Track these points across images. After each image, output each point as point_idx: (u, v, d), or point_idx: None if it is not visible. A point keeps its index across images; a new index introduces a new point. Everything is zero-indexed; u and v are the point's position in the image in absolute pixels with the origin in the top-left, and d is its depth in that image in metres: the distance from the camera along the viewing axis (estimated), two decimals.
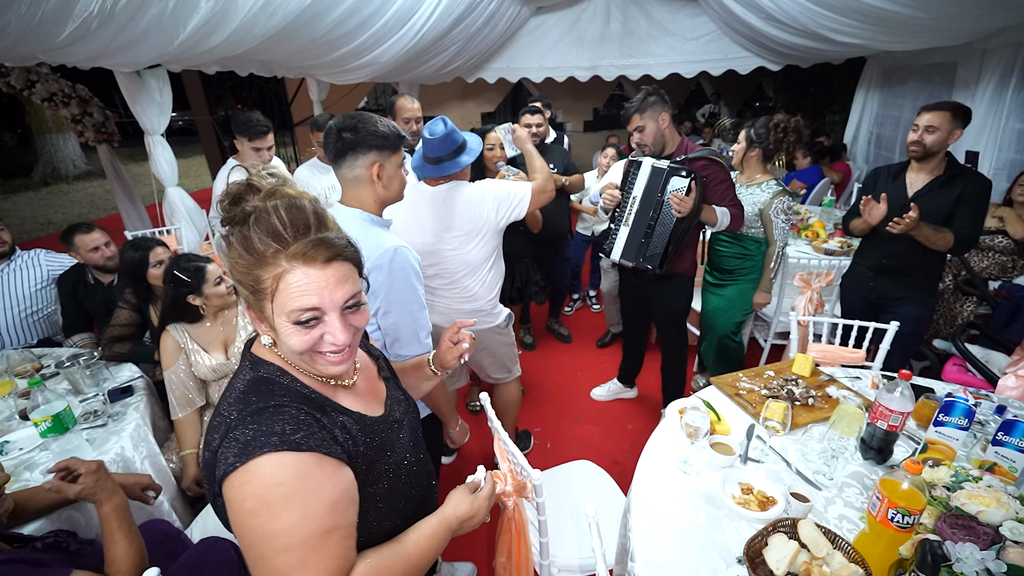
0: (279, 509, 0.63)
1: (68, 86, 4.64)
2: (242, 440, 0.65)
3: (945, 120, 1.92)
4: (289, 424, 0.67)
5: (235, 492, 0.64)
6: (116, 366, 1.97)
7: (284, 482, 0.64)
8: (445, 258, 1.84)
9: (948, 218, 1.98)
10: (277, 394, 0.72)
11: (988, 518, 0.99)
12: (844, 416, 1.32)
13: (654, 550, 1.10)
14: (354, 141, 1.25)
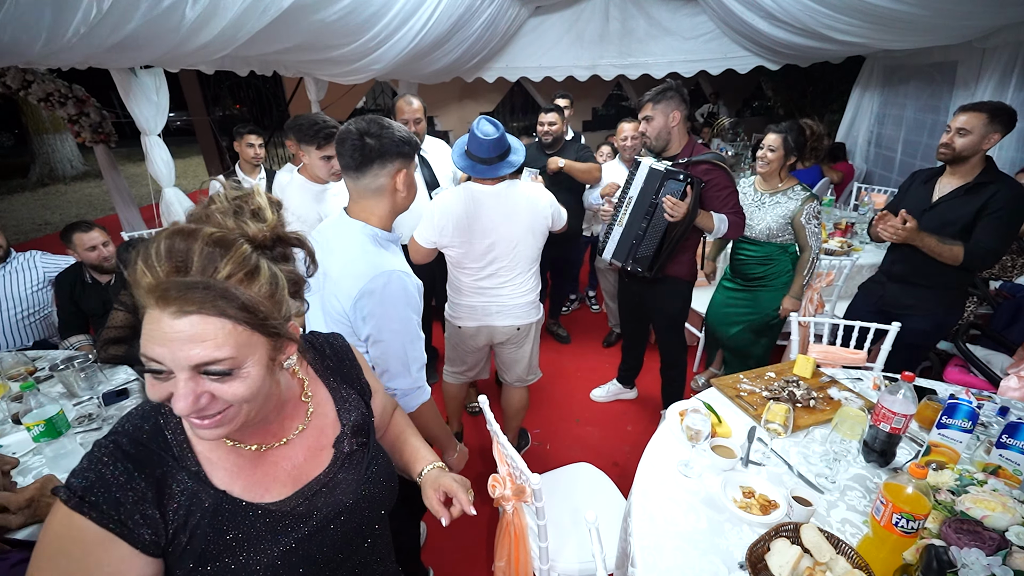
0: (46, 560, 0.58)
1: (64, 86, 4.62)
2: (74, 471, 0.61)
3: (980, 122, 1.77)
4: (94, 474, 0.60)
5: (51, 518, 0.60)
6: (111, 369, 1.95)
7: (58, 532, 0.59)
8: (508, 253, 1.92)
9: (968, 228, 1.84)
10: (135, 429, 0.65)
11: (994, 523, 0.98)
12: (846, 419, 1.31)
13: (655, 555, 1.09)
14: (380, 148, 1.16)
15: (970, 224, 1.83)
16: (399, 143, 1.18)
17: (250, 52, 3.04)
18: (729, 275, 2.54)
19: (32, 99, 4.56)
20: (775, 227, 2.27)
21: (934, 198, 1.97)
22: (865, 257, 3.03)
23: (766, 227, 2.29)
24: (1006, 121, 1.78)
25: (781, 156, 2.23)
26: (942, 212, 1.89)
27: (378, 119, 1.20)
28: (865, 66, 4.95)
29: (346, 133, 1.17)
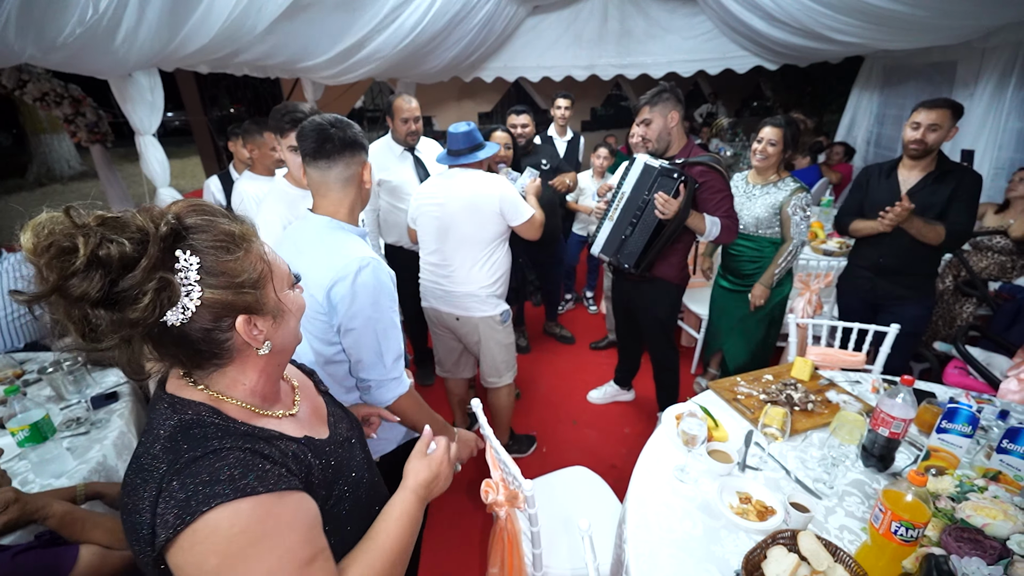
0: (249, 558, 0.57)
1: (60, 86, 4.59)
2: (182, 496, 0.56)
3: (947, 118, 1.92)
4: (236, 469, 0.59)
5: (187, 555, 0.56)
6: (101, 371, 1.92)
7: (247, 530, 0.57)
8: (446, 230, 1.97)
9: (942, 214, 1.98)
10: (212, 437, 0.62)
11: (995, 531, 0.96)
12: (845, 423, 1.29)
13: (650, 563, 1.07)
14: (351, 139, 1.17)
15: (943, 209, 1.98)
16: (361, 136, 1.20)
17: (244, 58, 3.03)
18: (722, 273, 2.52)
19: (27, 99, 4.53)
20: (764, 217, 2.27)
21: (903, 190, 2.07)
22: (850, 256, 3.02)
23: (754, 218, 2.29)
24: (959, 114, 1.96)
25: (781, 150, 2.25)
26: (919, 200, 1.99)
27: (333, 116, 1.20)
28: (864, 66, 4.94)
29: (315, 123, 1.16)
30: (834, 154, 4.71)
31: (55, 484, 1.37)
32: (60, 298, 0.55)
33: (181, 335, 0.61)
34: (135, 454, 0.63)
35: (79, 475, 1.39)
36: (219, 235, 0.63)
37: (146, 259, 0.56)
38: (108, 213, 0.58)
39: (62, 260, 0.54)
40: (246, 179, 2.68)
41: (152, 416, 0.66)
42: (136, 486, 0.60)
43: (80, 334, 0.57)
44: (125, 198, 4.99)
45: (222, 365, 0.67)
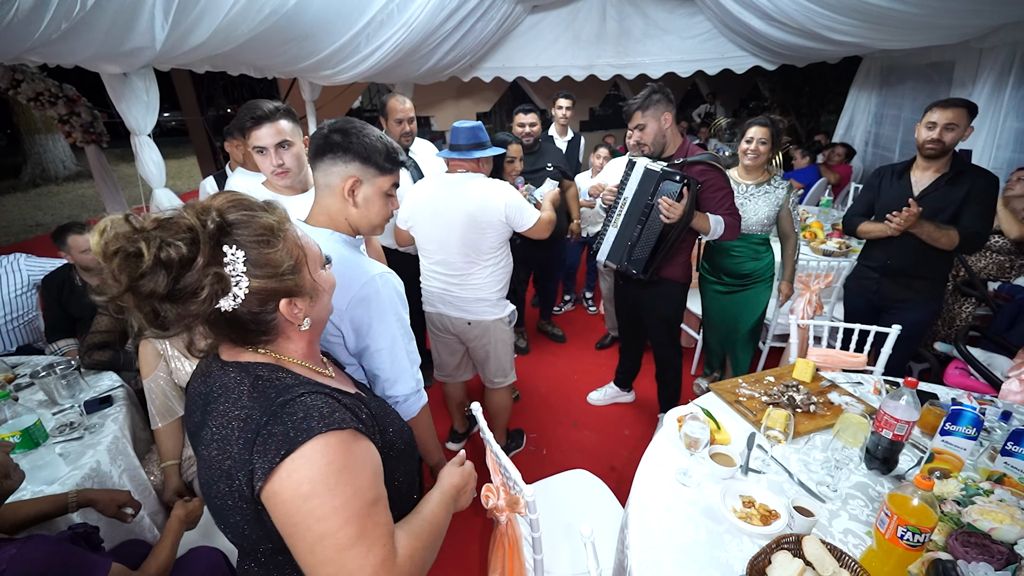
0: (334, 486, 0.65)
1: (55, 85, 4.55)
2: (282, 433, 0.65)
3: (963, 117, 1.88)
4: (324, 407, 0.68)
5: (285, 483, 0.64)
6: (95, 375, 1.90)
7: (333, 460, 0.65)
8: (451, 237, 1.92)
9: (955, 217, 1.94)
10: (293, 385, 0.71)
11: (1002, 535, 0.94)
12: (848, 425, 1.27)
13: (653, 569, 1.05)
14: (338, 144, 1.10)
15: (957, 212, 1.93)
16: (363, 146, 1.10)
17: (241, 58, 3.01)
18: (714, 276, 2.49)
19: (21, 99, 4.49)
20: (770, 215, 2.31)
21: (915, 192, 2.03)
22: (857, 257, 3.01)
23: (762, 217, 2.31)
24: (973, 115, 1.93)
25: (769, 148, 2.30)
26: (931, 202, 1.96)
27: (357, 122, 1.14)
28: (862, 66, 4.94)
29: (320, 125, 1.16)
30: (834, 155, 4.71)
31: (47, 491, 1.35)
32: (131, 296, 0.64)
33: (233, 318, 0.70)
34: (214, 414, 0.71)
35: (71, 481, 1.37)
36: (259, 229, 0.70)
37: (201, 257, 0.64)
38: (161, 215, 0.65)
39: (130, 263, 0.62)
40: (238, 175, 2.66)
41: (219, 380, 0.74)
42: (226, 437, 0.68)
43: (148, 323, 0.66)
44: (120, 199, 4.95)
45: (270, 340, 0.76)
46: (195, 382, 0.81)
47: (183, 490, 1.70)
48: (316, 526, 0.64)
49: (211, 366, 0.78)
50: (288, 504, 0.64)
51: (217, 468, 0.69)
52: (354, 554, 0.64)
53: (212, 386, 0.75)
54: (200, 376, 0.80)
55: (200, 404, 0.76)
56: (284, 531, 0.66)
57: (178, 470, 1.71)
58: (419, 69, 4.75)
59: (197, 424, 0.76)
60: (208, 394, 0.75)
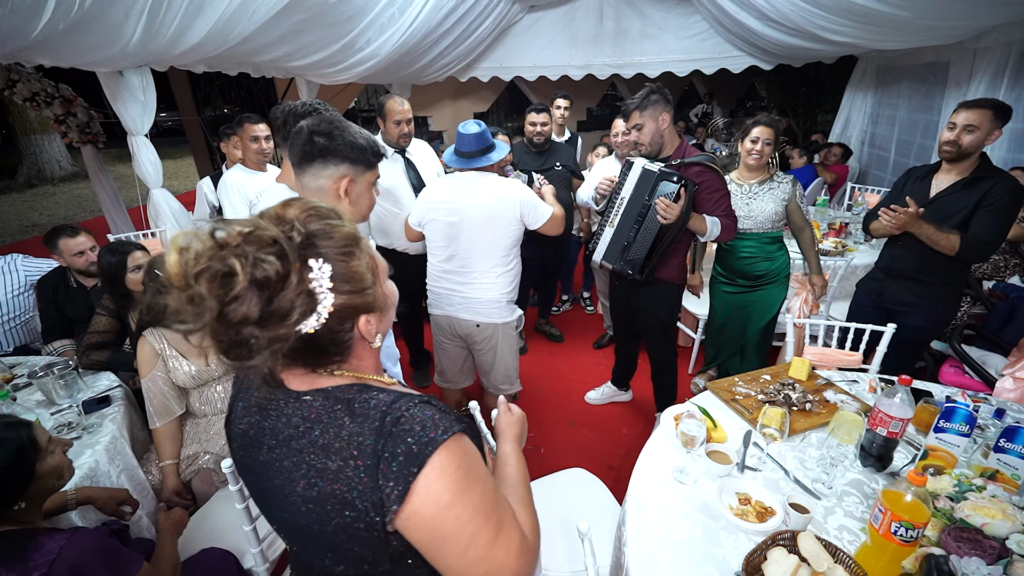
0: (468, 487, 0.64)
1: (51, 85, 4.54)
2: (406, 451, 0.61)
3: (986, 119, 1.76)
4: (434, 415, 0.65)
5: (424, 499, 0.61)
6: (93, 375, 1.90)
7: (460, 464, 0.64)
8: (468, 236, 1.92)
9: (965, 222, 1.85)
10: (391, 401, 0.66)
11: (994, 531, 0.96)
12: (843, 423, 1.29)
13: (650, 565, 1.06)
14: (325, 148, 1.12)
15: (968, 217, 1.84)
16: (349, 146, 1.12)
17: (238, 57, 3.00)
18: (727, 278, 2.51)
19: (17, 99, 4.48)
20: (778, 212, 2.31)
21: (931, 194, 1.98)
22: (859, 257, 3.03)
23: (771, 214, 2.31)
24: (1004, 117, 1.79)
25: (772, 147, 2.30)
26: (941, 207, 1.89)
27: (338, 120, 1.15)
28: (858, 66, 4.97)
29: (298, 128, 1.14)
30: (831, 155, 4.73)
31: None
32: (216, 323, 0.56)
33: (311, 340, 0.62)
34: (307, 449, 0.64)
35: (71, 481, 1.37)
36: (343, 240, 0.64)
37: (294, 275, 0.58)
38: (244, 228, 0.58)
39: (220, 286, 0.55)
40: (235, 171, 2.69)
41: (297, 412, 0.66)
42: (336, 469, 0.62)
43: (225, 353, 0.59)
44: (116, 200, 4.94)
45: (342, 361, 0.70)
46: (248, 418, 0.73)
47: (181, 489, 1.70)
48: (464, 530, 0.63)
49: (274, 399, 0.69)
50: (433, 518, 0.62)
51: (332, 504, 0.63)
52: (500, 544, 0.65)
53: (289, 420, 0.67)
54: (256, 411, 0.71)
55: (270, 441, 0.69)
56: (429, 545, 0.63)
57: (176, 469, 1.71)
58: (417, 69, 4.75)
59: (264, 463, 0.69)
60: (283, 430, 0.67)
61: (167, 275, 0.55)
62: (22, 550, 0.95)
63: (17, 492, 1.04)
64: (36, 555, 0.94)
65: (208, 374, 1.79)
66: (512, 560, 0.65)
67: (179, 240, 0.56)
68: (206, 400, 1.82)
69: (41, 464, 1.08)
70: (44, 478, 1.09)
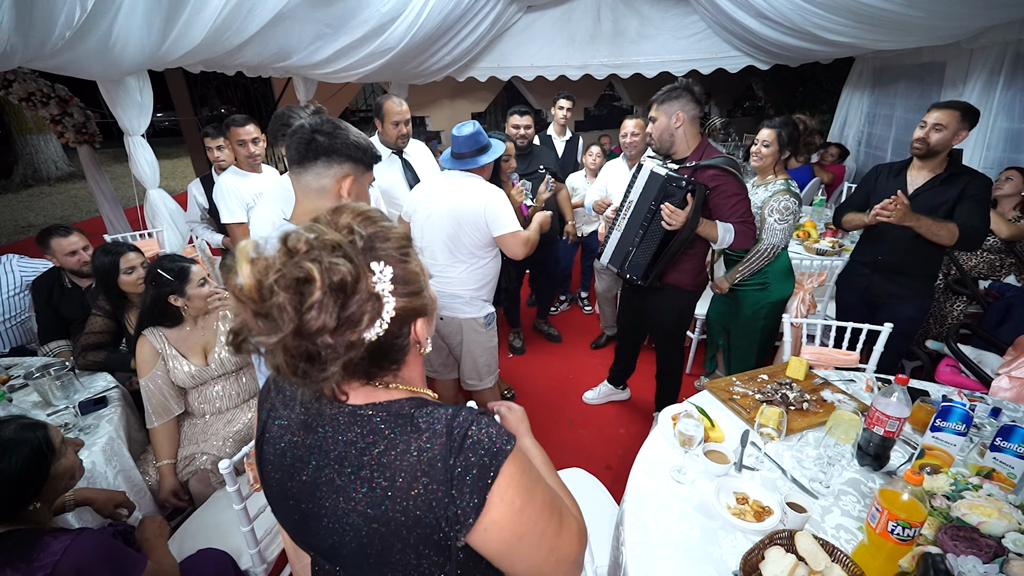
0: (532, 488, 0.65)
1: (47, 85, 4.52)
2: (478, 464, 0.61)
3: (954, 119, 1.90)
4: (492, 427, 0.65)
5: (500, 508, 0.62)
6: (89, 376, 1.89)
7: (523, 469, 0.65)
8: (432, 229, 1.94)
9: (949, 215, 1.96)
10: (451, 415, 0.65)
11: (990, 529, 0.96)
12: (840, 422, 1.29)
13: (647, 565, 1.06)
14: (329, 147, 1.12)
15: (950, 211, 1.96)
16: (352, 146, 1.14)
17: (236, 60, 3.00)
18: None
19: (13, 99, 4.46)
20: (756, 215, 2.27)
21: (910, 191, 2.06)
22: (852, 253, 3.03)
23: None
24: (972, 119, 1.92)
25: (776, 151, 2.21)
26: (924, 201, 1.97)
27: (337, 120, 1.17)
28: (855, 66, 4.98)
29: (297, 127, 1.14)
30: (828, 155, 4.75)
31: None
32: (292, 336, 0.54)
33: (375, 347, 0.61)
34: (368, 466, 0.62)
35: None
36: (399, 242, 0.64)
37: (363, 279, 0.57)
38: (307, 233, 0.56)
39: (297, 293, 0.53)
40: (228, 174, 2.68)
41: (358, 428, 0.64)
42: (408, 488, 0.60)
43: (294, 370, 0.56)
44: (113, 200, 4.92)
45: (398, 369, 0.68)
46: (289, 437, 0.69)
47: (178, 489, 1.70)
48: (536, 528, 0.65)
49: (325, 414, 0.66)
50: (511, 524, 0.63)
51: (397, 523, 0.61)
52: (564, 533, 0.68)
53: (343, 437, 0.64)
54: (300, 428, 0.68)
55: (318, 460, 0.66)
56: (509, 550, 0.64)
57: (173, 469, 1.71)
58: (415, 69, 4.75)
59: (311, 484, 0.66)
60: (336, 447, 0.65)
61: (239, 289, 0.53)
62: (28, 550, 0.96)
63: (34, 493, 1.05)
64: (41, 555, 0.95)
65: (207, 373, 1.78)
66: (575, 545, 0.70)
67: (248, 250, 0.54)
68: (205, 399, 1.82)
69: (56, 465, 1.09)
70: (58, 479, 1.10)
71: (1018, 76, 3.15)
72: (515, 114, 2.96)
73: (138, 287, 1.98)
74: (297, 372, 0.57)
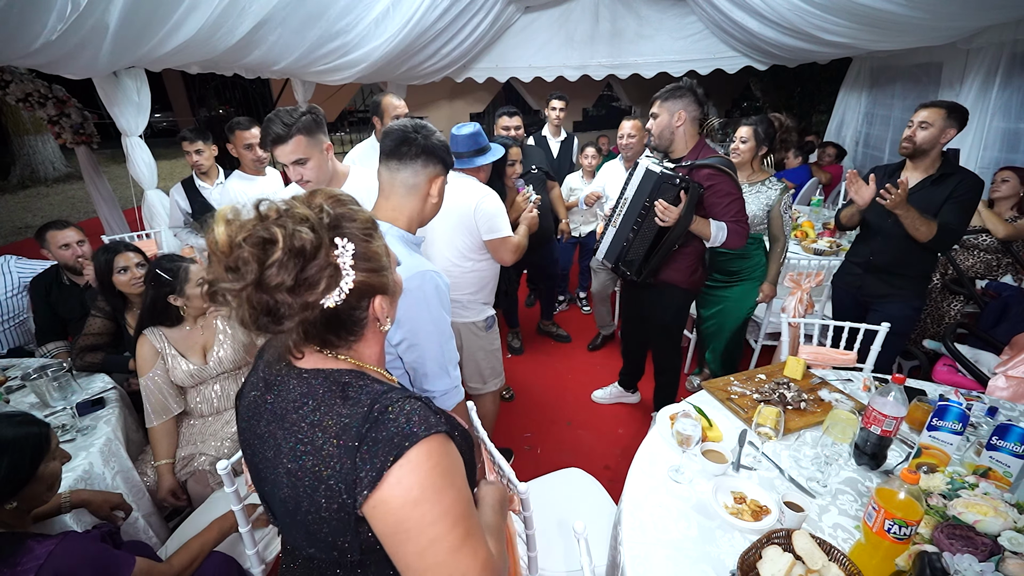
0: (441, 489, 0.65)
1: (44, 86, 4.51)
2: (386, 439, 0.63)
3: (939, 117, 1.91)
4: (420, 412, 0.67)
5: (395, 489, 0.63)
6: (87, 377, 1.89)
7: (438, 464, 0.65)
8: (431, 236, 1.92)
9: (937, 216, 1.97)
10: (384, 391, 0.69)
11: (986, 528, 0.96)
12: (837, 422, 1.29)
13: (645, 565, 1.07)
14: (428, 147, 1.18)
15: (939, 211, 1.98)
16: (444, 149, 1.22)
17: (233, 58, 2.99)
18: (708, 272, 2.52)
19: (10, 99, 4.45)
20: (757, 216, 2.32)
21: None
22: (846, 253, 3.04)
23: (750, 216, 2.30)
24: (960, 118, 1.92)
25: (753, 147, 2.33)
26: (915, 201, 1.97)
27: (423, 122, 1.24)
28: (852, 67, 4.99)
29: (396, 124, 1.21)
30: (825, 155, 4.76)
31: None
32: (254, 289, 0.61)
33: (332, 316, 0.67)
34: (299, 424, 0.68)
35: (64, 484, 1.36)
36: (364, 223, 0.70)
37: (323, 248, 0.64)
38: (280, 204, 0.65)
39: (262, 251, 0.61)
40: (235, 178, 2.69)
41: (298, 389, 0.71)
42: (320, 447, 0.65)
43: (254, 322, 0.64)
44: (111, 200, 4.91)
45: (355, 341, 0.74)
46: (254, 391, 0.77)
47: (177, 489, 1.70)
48: (428, 530, 0.63)
49: (280, 375, 0.74)
50: (398, 511, 0.63)
51: (309, 480, 0.65)
52: (464, 555, 0.64)
53: (288, 396, 0.71)
54: (263, 385, 0.76)
55: (268, 414, 0.73)
56: (391, 538, 0.64)
57: (171, 469, 1.71)
58: (413, 69, 4.75)
59: (262, 436, 0.73)
60: (282, 404, 0.71)
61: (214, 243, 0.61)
62: (11, 554, 0.95)
63: (17, 487, 1.05)
64: (24, 559, 0.94)
65: (206, 372, 1.78)
66: (474, 574, 0.65)
67: (226, 212, 0.62)
68: (203, 399, 1.81)
69: (44, 466, 1.09)
70: (40, 481, 1.09)
71: (1014, 76, 3.17)
72: (504, 115, 2.95)
73: (132, 287, 1.97)
74: (259, 324, 0.64)
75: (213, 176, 2.94)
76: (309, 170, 1.66)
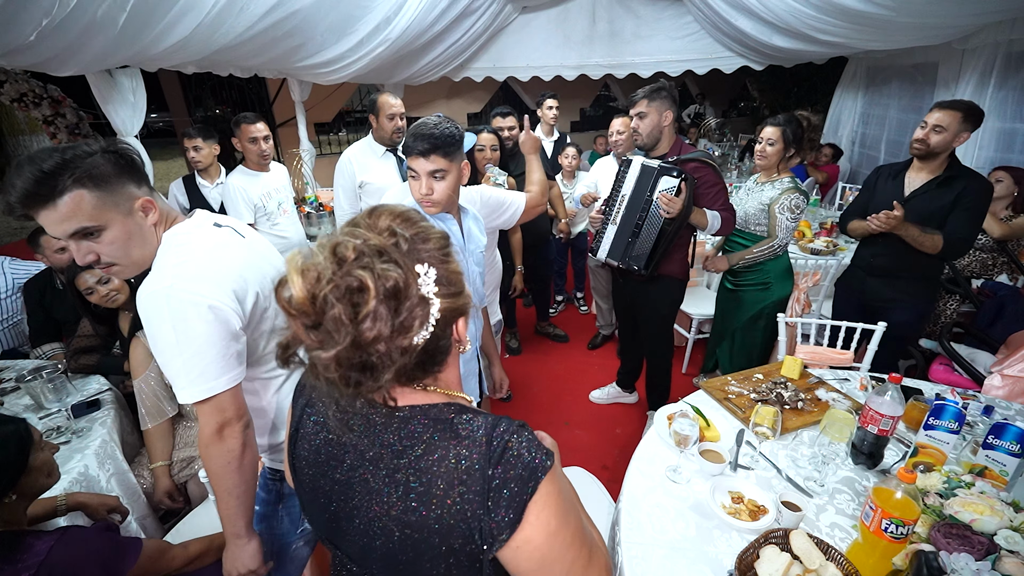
0: (567, 512, 0.63)
1: (39, 86, 4.48)
2: (516, 478, 0.59)
3: (955, 121, 1.85)
4: (533, 441, 0.62)
5: (535, 526, 0.59)
6: (82, 379, 1.88)
7: (560, 489, 0.63)
8: None
9: (943, 220, 1.92)
10: (492, 424, 0.63)
11: (982, 526, 0.97)
12: (834, 421, 1.30)
13: (643, 564, 1.07)
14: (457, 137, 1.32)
15: (946, 216, 1.92)
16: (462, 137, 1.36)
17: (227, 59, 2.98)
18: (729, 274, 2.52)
19: (4, 99, 4.42)
20: (752, 213, 2.30)
21: (906, 192, 2.03)
22: (850, 256, 3.05)
23: (744, 213, 2.32)
24: (975, 120, 1.87)
25: (780, 150, 2.23)
26: (919, 205, 1.95)
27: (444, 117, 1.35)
28: (848, 67, 5.01)
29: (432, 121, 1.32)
30: (822, 155, 4.77)
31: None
32: (348, 348, 0.52)
33: (422, 351, 0.59)
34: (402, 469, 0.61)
35: (60, 486, 1.36)
36: (440, 242, 0.63)
37: (412, 283, 0.55)
38: (353, 240, 0.55)
39: (352, 303, 0.52)
40: (237, 174, 2.69)
41: (395, 431, 0.63)
42: (441, 495, 0.59)
43: (346, 381, 0.54)
44: None
45: (440, 371, 0.66)
46: (322, 434, 0.69)
47: (173, 490, 1.69)
48: (566, 554, 0.62)
49: (358, 414, 0.65)
50: (542, 545, 0.60)
51: (426, 527, 0.59)
52: (593, 565, 0.65)
53: (382, 437, 0.64)
54: (337, 427, 0.65)
55: (353, 459, 0.65)
56: (537, 572, 0.61)
57: (168, 470, 1.70)
58: (411, 69, 4.74)
59: (343, 482, 0.65)
60: (374, 447, 0.64)
61: (288, 301, 0.52)
62: (10, 551, 0.94)
63: (11, 482, 1.04)
64: (25, 556, 0.93)
65: None
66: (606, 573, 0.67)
67: (296, 262, 0.53)
68: None
69: (34, 457, 1.08)
70: (36, 472, 1.08)
71: (1009, 76, 3.18)
72: (497, 116, 2.95)
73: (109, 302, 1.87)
74: (350, 383, 0.54)
75: (214, 175, 2.95)
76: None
